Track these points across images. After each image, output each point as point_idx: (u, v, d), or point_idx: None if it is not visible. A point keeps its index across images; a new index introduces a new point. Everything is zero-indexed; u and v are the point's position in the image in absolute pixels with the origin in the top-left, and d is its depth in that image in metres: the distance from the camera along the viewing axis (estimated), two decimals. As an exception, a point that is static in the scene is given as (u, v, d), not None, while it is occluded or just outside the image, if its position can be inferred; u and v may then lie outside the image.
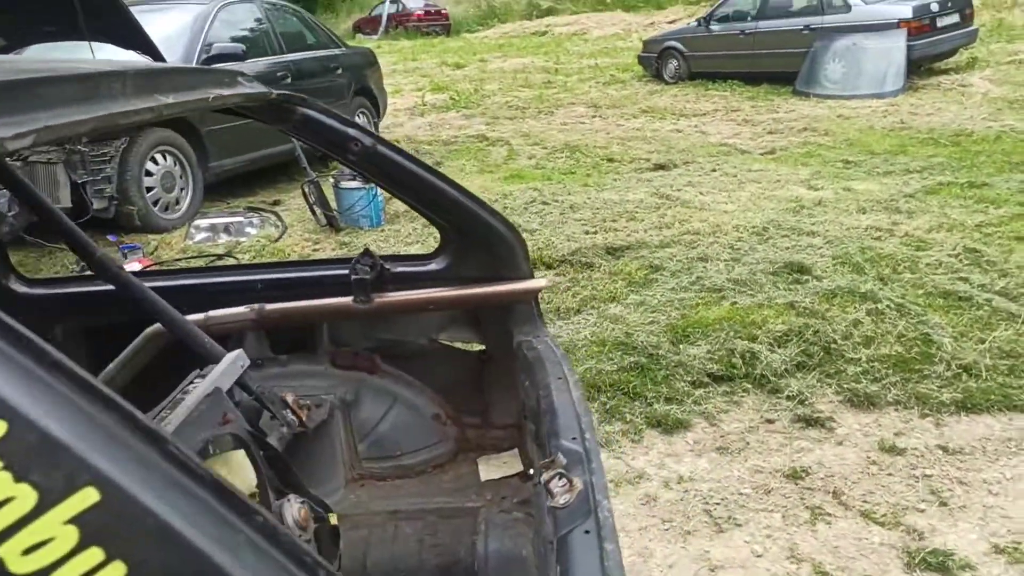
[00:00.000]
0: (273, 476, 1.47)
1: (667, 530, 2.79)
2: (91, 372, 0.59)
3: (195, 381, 1.60)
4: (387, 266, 1.89)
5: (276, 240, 5.49)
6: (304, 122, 1.70)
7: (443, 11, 26.67)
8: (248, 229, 5.59)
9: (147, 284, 1.88)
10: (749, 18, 12.31)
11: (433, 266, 1.93)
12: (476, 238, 1.85)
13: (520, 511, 1.78)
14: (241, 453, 1.34)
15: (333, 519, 1.49)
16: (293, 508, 1.31)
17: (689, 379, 3.57)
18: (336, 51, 8.49)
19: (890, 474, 2.91)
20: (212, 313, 1.87)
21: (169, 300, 1.82)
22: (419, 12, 26.03)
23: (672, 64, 13.36)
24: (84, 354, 2.01)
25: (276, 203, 6.18)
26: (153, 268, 4.37)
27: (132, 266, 4.94)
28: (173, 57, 5.94)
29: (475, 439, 2.11)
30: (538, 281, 1.87)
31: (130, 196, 5.49)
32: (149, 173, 5.74)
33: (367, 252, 1.86)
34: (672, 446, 3.23)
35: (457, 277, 1.91)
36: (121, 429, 0.61)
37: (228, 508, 0.63)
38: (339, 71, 8.19)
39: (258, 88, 1.62)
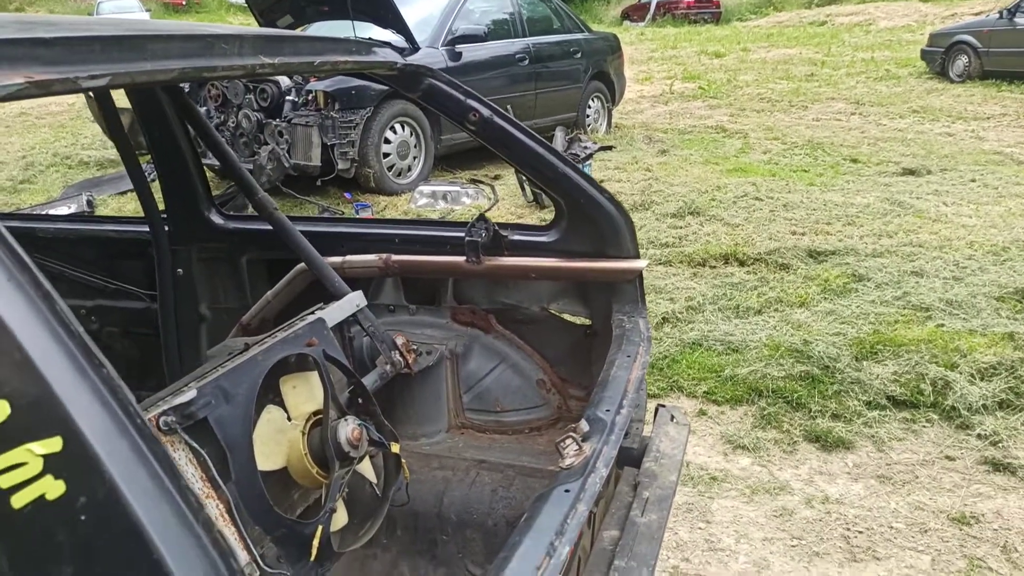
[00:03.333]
0: (347, 400, 1.66)
1: (794, 547, 2.64)
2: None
3: (316, 311, 1.84)
4: (505, 233, 2.01)
5: (485, 211, 5.81)
6: (430, 91, 1.87)
7: (715, -1, 25.91)
8: (463, 199, 6.00)
9: (303, 228, 2.18)
10: (1070, 9, 10.60)
11: (545, 238, 2.01)
12: (585, 214, 1.91)
13: None
14: (315, 374, 1.54)
15: (395, 447, 1.66)
16: (348, 427, 1.48)
17: (865, 398, 3.30)
18: (578, 36, 8.69)
19: (1081, 542, 2.50)
20: (349, 257, 2.12)
21: (323, 243, 2.10)
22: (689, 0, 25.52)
23: (961, 60, 11.94)
24: (264, 280, 2.35)
25: (496, 177, 6.54)
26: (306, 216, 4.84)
27: (361, 222, 5.54)
28: (423, 36, 6.51)
29: (577, 410, 2.17)
30: (637, 262, 1.89)
31: (369, 160, 6.14)
32: (388, 141, 6.37)
33: (482, 217, 1.99)
34: (827, 465, 3.02)
35: (566, 250, 1.98)
36: (104, 391, 0.68)
37: (172, 481, 0.69)
38: (577, 55, 8.39)
39: (389, 59, 1.81)
